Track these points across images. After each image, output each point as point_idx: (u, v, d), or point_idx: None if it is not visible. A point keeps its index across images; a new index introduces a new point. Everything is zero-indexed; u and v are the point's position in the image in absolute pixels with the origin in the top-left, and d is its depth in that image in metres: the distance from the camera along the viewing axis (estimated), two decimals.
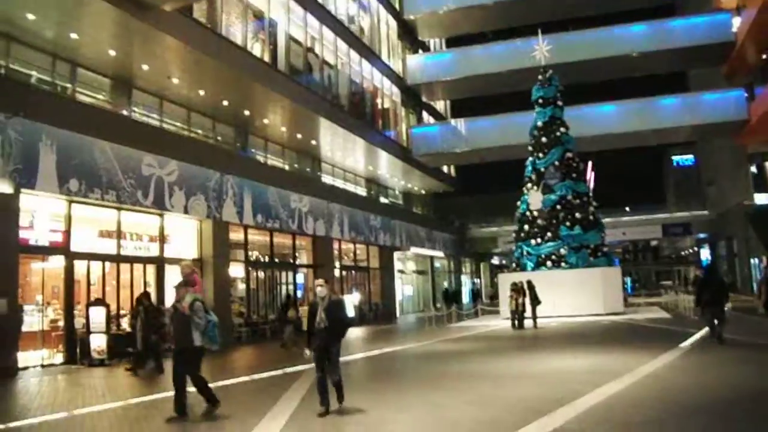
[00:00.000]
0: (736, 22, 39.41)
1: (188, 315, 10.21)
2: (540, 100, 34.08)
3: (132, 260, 21.71)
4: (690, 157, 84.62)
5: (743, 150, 43.49)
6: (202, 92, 27.17)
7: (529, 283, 26.91)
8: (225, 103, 28.71)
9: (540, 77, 34.36)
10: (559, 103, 34.10)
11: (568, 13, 45.51)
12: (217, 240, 25.00)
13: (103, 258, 20.47)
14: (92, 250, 20.12)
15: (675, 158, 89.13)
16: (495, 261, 70.50)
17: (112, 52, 22.49)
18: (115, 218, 20.90)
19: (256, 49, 28.69)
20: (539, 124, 34.02)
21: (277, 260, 30.38)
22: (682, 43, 40.62)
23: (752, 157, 43.44)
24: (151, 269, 22.53)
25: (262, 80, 28.01)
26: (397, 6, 46.92)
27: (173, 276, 22.92)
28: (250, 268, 28.09)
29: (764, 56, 37.54)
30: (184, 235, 24.35)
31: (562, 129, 33.74)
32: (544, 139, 33.48)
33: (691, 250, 77.53)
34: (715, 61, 42.33)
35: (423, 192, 55.53)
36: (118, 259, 21.02)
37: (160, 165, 21.89)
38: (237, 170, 26.36)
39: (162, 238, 22.92)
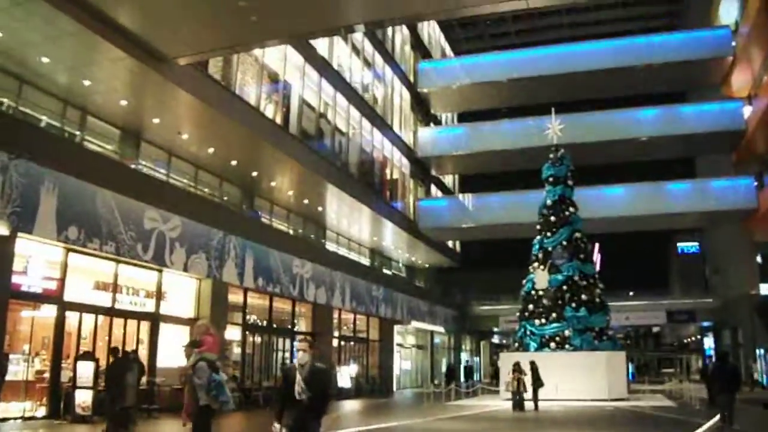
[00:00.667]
0: (747, 111, 39.59)
1: (190, 375, 9.94)
2: (550, 179, 33.78)
3: (126, 315, 21.02)
4: (695, 244, 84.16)
5: (750, 239, 43.14)
6: (211, 150, 26.98)
7: (533, 364, 26.13)
8: (233, 162, 28.49)
9: (551, 156, 34.14)
10: (570, 182, 33.80)
11: (580, 94, 45.97)
12: (216, 300, 24.37)
13: (96, 310, 19.76)
14: (86, 302, 19.40)
15: (680, 245, 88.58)
16: (495, 340, 69.40)
17: (124, 102, 22.38)
18: (113, 270, 20.33)
19: (269, 110, 28.54)
20: (548, 202, 33.65)
21: (275, 326, 29.67)
22: (692, 130, 40.83)
23: (759, 246, 43.04)
24: (145, 326, 21.84)
25: (272, 142, 27.84)
26: (411, 78, 47.19)
27: (168, 334, 22.37)
28: (247, 332, 27.38)
29: None
30: (182, 293, 23.73)
31: (572, 209, 33.36)
32: (552, 218, 33.06)
33: (693, 338, 76.44)
34: (725, 149, 42.49)
35: (426, 266, 54.97)
36: (112, 312, 20.33)
37: (163, 219, 21.41)
38: (240, 231, 25.88)
39: (159, 295, 22.31)
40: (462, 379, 50.29)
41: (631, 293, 57.77)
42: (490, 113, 49.91)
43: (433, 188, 52.10)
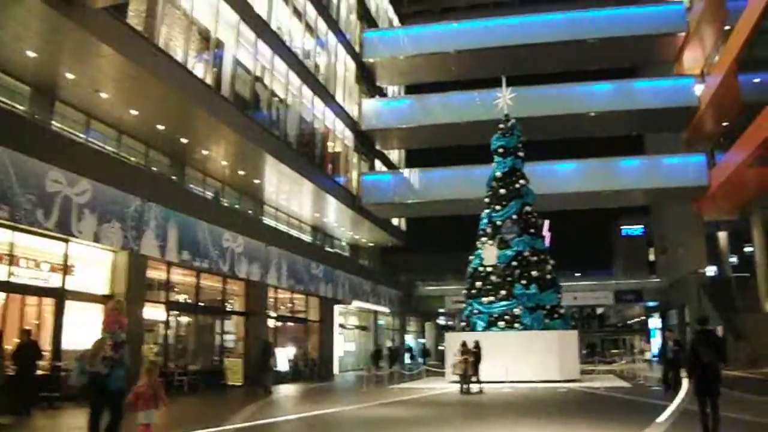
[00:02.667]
0: (699, 89, 38.70)
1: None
2: (500, 150, 31.95)
3: (25, 290, 18.54)
4: (639, 227, 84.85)
5: (698, 218, 42.43)
6: (134, 112, 24.55)
7: (476, 344, 24.44)
8: (160, 127, 26.08)
9: (501, 126, 32.33)
10: (520, 154, 32.06)
11: (531, 68, 44.54)
12: (133, 276, 21.89)
13: None
14: None
15: (624, 228, 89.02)
16: (441, 321, 67.88)
17: (32, 54, 19.86)
18: (8, 239, 17.79)
19: (199, 70, 26.19)
20: (498, 174, 31.83)
21: (203, 304, 27.34)
22: (644, 105, 39.91)
23: (708, 226, 42.32)
24: (48, 303, 19.36)
25: (201, 104, 25.59)
26: (357, 48, 45.03)
27: (77, 313, 19.98)
28: (170, 311, 24.98)
29: (726, 123, 36.63)
30: (94, 266, 21.19)
31: (522, 181, 31.60)
32: (502, 191, 31.27)
33: (638, 319, 76.37)
34: (676, 126, 41.69)
35: (371, 244, 53.06)
36: (7, 287, 17.85)
37: (68, 182, 18.87)
38: (162, 199, 23.41)
39: (66, 268, 19.78)
40: (421, 359, 48.67)
41: (577, 274, 57.05)
42: (438, 87, 47.97)
43: (378, 164, 50.12)
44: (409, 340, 58.43)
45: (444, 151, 50.08)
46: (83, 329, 19.41)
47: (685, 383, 19.95)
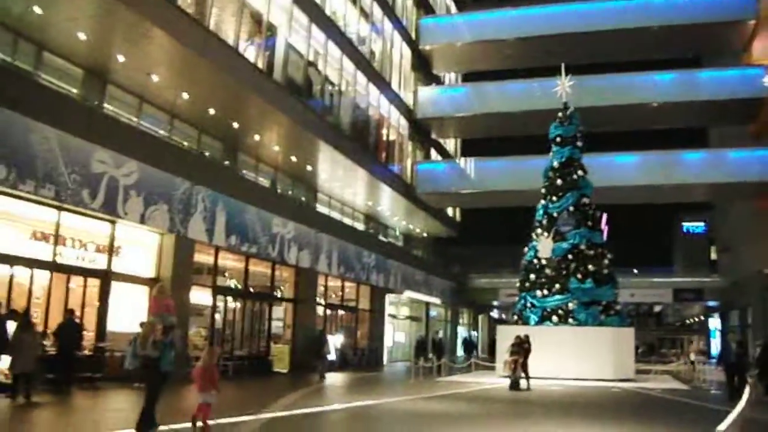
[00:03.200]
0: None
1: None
2: (558, 139, 30.98)
3: (71, 270, 18.43)
4: (700, 224, 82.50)
5: (764, 215, 40.61)
6: (185, 95, 24.29)
7: (526, 337, 23.71)
8: (212, 111, 25.85)
9: (560, 114, 31.35)
10: (579, 143, 31.04)
11: (591, 56, 43.02)
12: (180, 259, 21.70)
13: (32, 264, 17.17)
14: (18, 254, 16.78)
15: (685, 224, 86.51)
16: (494, 314, 66.93)
17: (82, 36, 19.70)
18: (54, 219, 17.68)
19: (250, 53, 25.88)
20: (555, 164, 30.88)
21: (252, 290, 27.09)
22: (709, 96, 38.26)
23: None
24: (94, 284, 19.24)
25: (253, 88, 25.17)
26: (413, 35, 44.35)
27: (122, 294, 19.88)
28: (218, 296, 24.76)
29: None
30: (140, 248, 21.06)
31: (580, 172, 30.59)
32: (559, 182, 30.34)
33: (697, 319, 74.32)
34: (742, 119, 39.81)
35: (425, 235, 52.37)
36: (52, 267, 17.75)
37: (115, 163, 18.76)
38: (211, 182, 23.21)
39: (111, 250, 19.65)
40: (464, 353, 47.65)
41: (636, 270, 55.56)
42: (496, 75, 47.01)
43: (433, 153, 49.37)
44: (462, 332, 57.59)
45: (501, 140, 49.11)
46: (129, 311, 19.38)
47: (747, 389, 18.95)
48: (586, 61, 42.34)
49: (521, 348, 23.04)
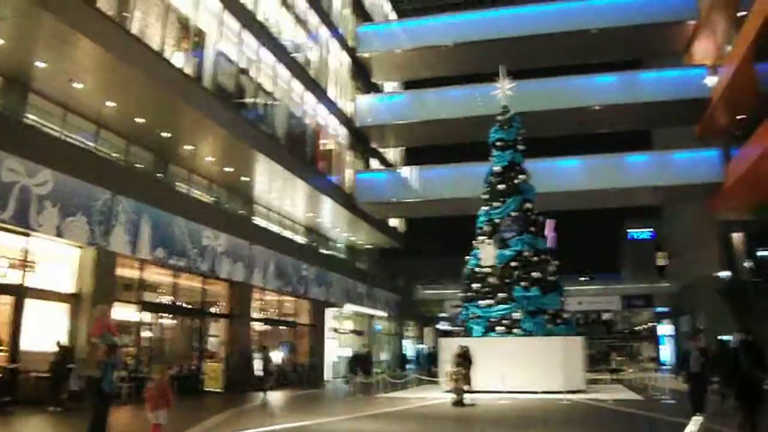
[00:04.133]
0: (711, 81, 36.90)
1: None
2: (498, 143, 30.25)
3: None
4: (647, 230, 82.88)
5: (712, 219, 40.50)
6: (111, 104, 22.95)
7: (466, 350, 22.91)
8: (140, 120, 24.49)
9: (500, 117, 30.65)
10: (520, 147, 30.33)
11: (531, 61, 42.70)
12: (101, 273, 20.35)
13: None
14: None
15: (631, 231, 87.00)
16: (441, 326, 66.11)
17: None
18: None
19: (178, 59, 24.67)
20: (496, 169, 30.12)
21: (181, 305, 25.76)
22: (652, 98, 37.77)
23: (723, 226, 40.37)
24: (6, 301, 17.84)
25: (179, 95, 23.91)
26: (350, 43, 43.46)
27: (38, 312, 18.52)
28: (144, 312, 23.38)
29: (742, 116, 34.84)
30: (58, 263, 19.71)
31: (522, 176, 29.87)
32: (501, 187, 29.58)
33: (646, 325, 74.58)
34: (686, 120, 39.44)
35: (369, 246, 51.35)
36: None
37: (27, 172, 17.41)
38: (134, 192, 21.90)
39: (25, 264, 18.28)
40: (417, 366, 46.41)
41: (583, 278, 55.36)
42: (437, 82, 46.25)
43: (375, 163, 48.48)
44: (408, 345, 56.67)
45: (444, 149, 48.38)
46: (45, 329, 18.07)
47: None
48: (527, 65, 41.84)
49: (465, 359, 22.14)
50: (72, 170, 19.10)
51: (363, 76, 45.48)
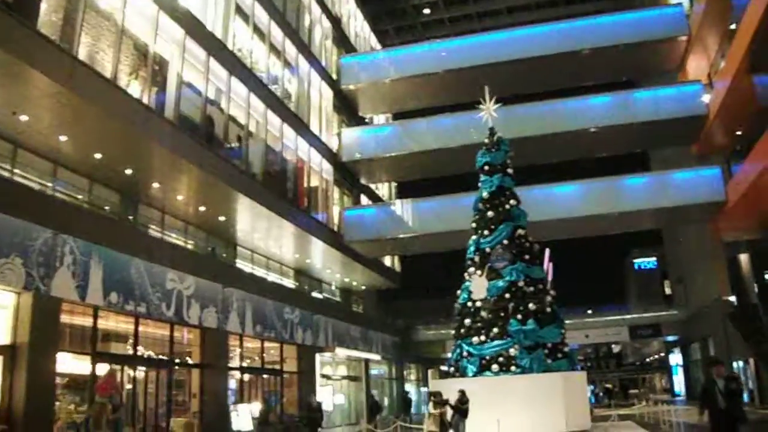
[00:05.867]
0: (707, 98, 35.38)
1: None
2: (486, 167, 28.16)
3: None
4: (652, 259, 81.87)
5: (716, 241, 38.61)
6: (62, 138, 21.15)
7: (462, 395, 20.60)
8: (97, 156, 22.66)
9: (486, 140, 28.66)
10: (509, 170, 28.22)
11: (522, 86, 41.05)
12: (40, 321, 18.23)
13: None
14: None
15: (636, 261, 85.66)
16: (444, 367, 63.65)
17: None
18: None
19: (134, 88, 22.93)
20: (485, 195, 27.98)
21: (144, 354, 23.58)
22: (647, 117, 36.17)
23: (728, 247, 38.45)
24: None
25: (137, 126, 22.15)
26: (334, 75, 41.88)
27: None
28: (98, 363, 21.18)
29: (740, 132, 33.23)
30: None
31: (512, 201, 27.71)
32: (490, 214, 27.42)
33: (658, 356, 72.53)
34: (683, 139, 37.92)
35: (363, 288, 49.21)
36: None
37: None
38: (82, 231, 19.94)
39: None
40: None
41: (589, 311, 53.29)
42: (423, 112, 44.57)
43: (365, 199, 46.61)
44: (411, 389, 54.18)
45: (436, 181, 46.48)
46: None
47: None
48: (518, 90, 40.46)
49: (441, 401, 19.73)
50: (5, 207, 17.16)
51: (349, 110, 43.88)
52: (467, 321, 26.41)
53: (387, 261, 49.72)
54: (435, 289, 62.87)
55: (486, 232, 27.24)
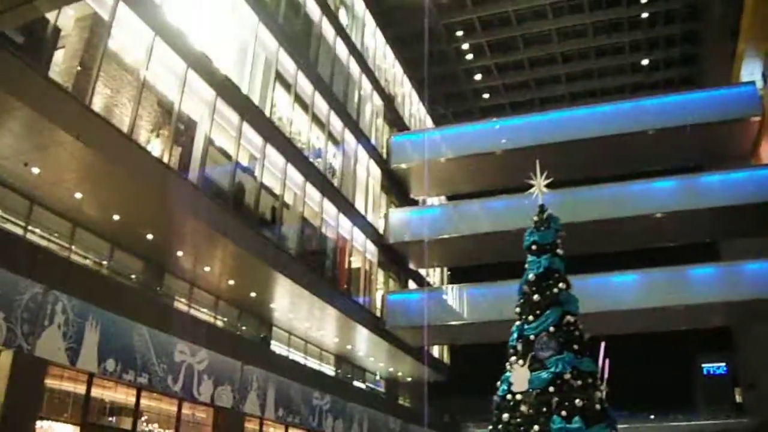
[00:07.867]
0: None
1: None
2: (533, 247, 25.75)
3: None
4: (722, 365, 77.72)
5: None
6: (78, 195, 19.96)
7: None
8: (115, 217, 21.40)
9: (535, 218, 26.52)
10: (559, 251, 25.87)
11: (583, 170, 38.96)
12: (19, 383, 16.45)
13: None
14: None
15: (705, 366, 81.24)
16: None
17: None
18: None
19: (155, 146, 21.77)
20: (531, 277, 25.26)
21: (144, 430, 21.56)
22: (716, 203, 33.42)
23: None
24: None
25: (157, 186, 20.96)
26: (384, 153, 40.55)
27: None
28: None
29: None
30: None
31: (561, 285, 24.99)
32: (536, 297, 24.69)
33: None
34: (758, 227, 34.83)
35: (410, 379, 46.57)
36: None
37: None
38: (74, 290, 18.28)
39: None
40: None
41: (652, 416, 49.71)
42: (477, 195, 42.67)
43: (413, 284, 44.47)
44: None
45: (491, 268, 43.97)
46: None
47: None
48: (578, 174, 38.35)
49: None
50: None
51: (397, 189, 42.28)
52: (505, 416, 23.52)
53: (435, 352, 47.10)
54: (485, 384, 59.89)
55: (531, 318, 24.55)
